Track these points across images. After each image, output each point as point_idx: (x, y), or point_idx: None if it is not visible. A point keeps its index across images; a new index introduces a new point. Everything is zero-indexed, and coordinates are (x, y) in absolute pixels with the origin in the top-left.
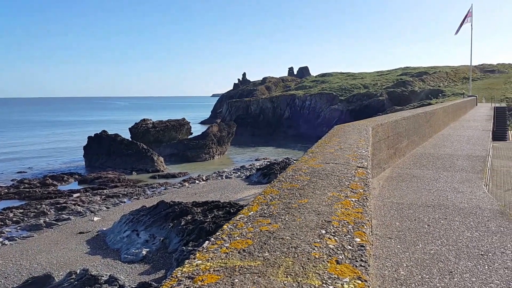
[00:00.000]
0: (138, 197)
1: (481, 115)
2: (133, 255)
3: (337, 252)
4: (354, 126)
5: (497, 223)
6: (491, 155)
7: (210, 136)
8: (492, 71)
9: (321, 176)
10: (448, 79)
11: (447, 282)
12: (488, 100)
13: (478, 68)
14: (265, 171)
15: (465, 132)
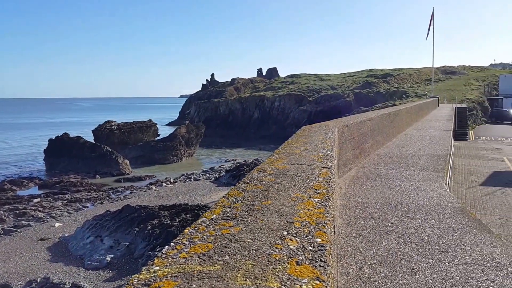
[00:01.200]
0: (102, 201)
1: (442, 116)
2: (97, 261)
3: (298, 253)
4: (321, 127)
5: (457, 220)
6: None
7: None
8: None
9: (286, 177)
10: (411, 81)
11: (409, 279)
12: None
13: (439, 70)
14: (234, 173)
15: (428, 132)
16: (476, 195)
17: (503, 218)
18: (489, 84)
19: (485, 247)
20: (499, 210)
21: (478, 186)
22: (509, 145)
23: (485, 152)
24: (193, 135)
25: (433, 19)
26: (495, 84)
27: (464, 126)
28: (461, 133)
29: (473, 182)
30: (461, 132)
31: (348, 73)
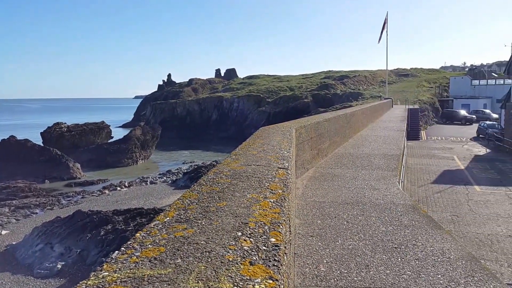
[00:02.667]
0: (52, 207)
1: (396, 116)
2: (47, 269)
3: (251, 254)
4: (278, 127)
5: (409, 217)
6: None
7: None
8: (406, 75)
9: (242, 178)
10: (366, 83)
11: (363, 276)
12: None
13: (393, 72)
14: (192, 175)
15: (382, 132)
16: (428, 192)
17: (454, 214)
18: (440, 86)
19: (435, 242)
20: (450, 207)
21: (430, 184)
22: (459, 145)
23: (436, 152)
24: (148, 137)
25: (386, 22)
26: (445, 86)
27: (417, 126)
28: (414, 133)
29: (425, 180)
30: (414, 132)
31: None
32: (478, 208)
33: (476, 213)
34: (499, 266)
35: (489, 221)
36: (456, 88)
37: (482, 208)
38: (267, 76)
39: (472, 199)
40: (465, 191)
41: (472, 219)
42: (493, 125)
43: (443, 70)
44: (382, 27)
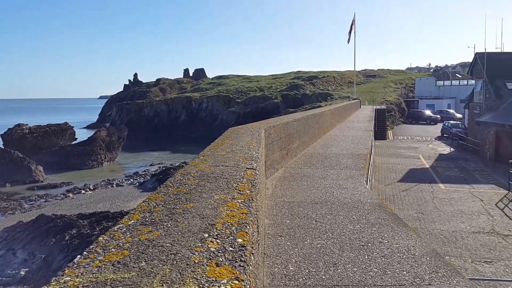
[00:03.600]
0: (14, 211)
1: (364, 117)
2: (9, 276)
3: (218, 255)
4: (247, 128)
5: (376, 215)
6: (373, 153)
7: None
8: (373, 76)
9: (210, 179)
10: (335, 83)
11: (331, 274)
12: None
13: (361, 73)
14: (160, 177)
15: (350, 132)
16: (394, 191)
17: (419, 212)
18: (406, 87)
19: (401, 239)
20: (415, 205)
21: (397, 183)
22: (424, 144)
23: (402, 151)
24: (114, 139)
25: (354, 23)
26: (411, 86)
27: (384, 126)
28: (381, 133)
29: (392, 179)
30: (381, 132)
31: (276, 75)
32: (443, 206)
33: (441, 210)
34: (463, 261)
35: (453, 218)
36: (421, 88)
37: (446, 205)
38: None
39: (437, 197)
40: (430, 189)
41: (437, 216)
42: (456, 124)
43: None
44: (350, 28)
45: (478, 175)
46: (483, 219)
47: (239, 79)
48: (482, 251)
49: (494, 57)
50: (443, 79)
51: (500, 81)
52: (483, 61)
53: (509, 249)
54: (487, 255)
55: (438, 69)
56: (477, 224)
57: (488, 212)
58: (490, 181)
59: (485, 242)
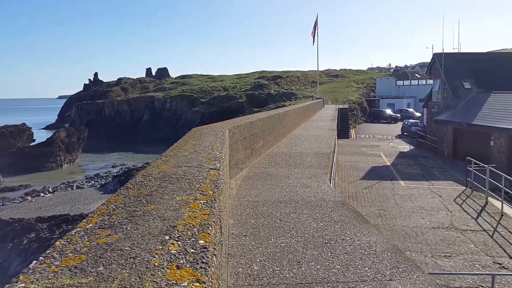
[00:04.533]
0: None
1: (327, 116)
2: None
3: (179, 257)
4: (211, 128)
5: (338, 213)
6: (337, 152)
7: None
8: (336, 76)
9: (172, 180)
10: (299, 83)
11: (295, 272)
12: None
13: (324, 73)
14: (122, 178)
15: (314, 131)
16: (357, 188)
17: (381, 209)
18: (367, 86)
19: (363, 236)
20: (377, 202)
21: (359, 180)
22: (385, 142)
23: (364, 149)
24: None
25: (317, 25)
26: (372, 86)
27: (346, 125)
28: (344, 131)
29: (355, 177)
30: (344, 131)
31: (240, 75)
32: (403, 202)
33: (401, 206)
34: (424, 256)
35: (413, 214)
36: (382, 88)
37: (407, 202)
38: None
39: (397, 193)
40: (391, 186)
41: (398, 213)
42: (416, 123)
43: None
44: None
45: (436, 172)
46: (442, 215)
47: (203, 79)
48: (442, 246)
49: (451, 57)
50: (402, 79)
51: (457, 80)
52: (441, 61)
53: (467, 244)
54: (446, 249)
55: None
56: (437, 220)
57: (447, 208)
58: (448, 177)
59: (445, 237)
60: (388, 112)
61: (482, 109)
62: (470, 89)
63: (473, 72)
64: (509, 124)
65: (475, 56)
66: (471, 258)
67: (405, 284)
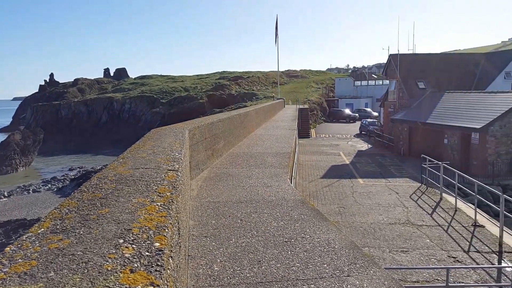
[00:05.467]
0: None
1: (288, 116)
2: None
3: (133, 261)
4: (171, 129)
5: (298, 212)
6: (297, 151)
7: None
8: (296, 76)
9: (129, 182)
10: (260, 83)
11: (256, 271)
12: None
13: (284, 74)
14: (81, 181)
15: (275, 131)
16: (318, 187)
17: (341, 206)
18: (326, 87)
19: (322, 234)
20: (337, 199)
21: (320, 179)
22: (344, 141)
23: (324, 148)
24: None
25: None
26: (331, 86)
27: (307, 125)
28: (304, 131)
29: (315, 176)
30: (304, 130)
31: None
32: (362, 199)
33: (360, 204)
34: (382, 252)
35: (371, 210)
36: (341, 88)
37: (365, 199)
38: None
39: (356, 191)
40: (350, 184)
41: (357, 210)
42: (373, 122)
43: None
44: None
45: (393, 169)
46: (398, 211)
47: (163, 79)
48: (399, 241)
49: (406, 58)
50: (360, 80)
51: (412, 81)
52: (396, 62)
53: (422, 238)
54: (403, 244)
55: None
56: (394, 216)
57: (403, 204)
58: (404, 175)
59: (401, 233)
60: (347, 111)
61: (436, 108)
62: (424, 89)
63: (427, 72)
64: (462, 122)
65: (429, 57)
66: (427, 252)
67: (362, 280)
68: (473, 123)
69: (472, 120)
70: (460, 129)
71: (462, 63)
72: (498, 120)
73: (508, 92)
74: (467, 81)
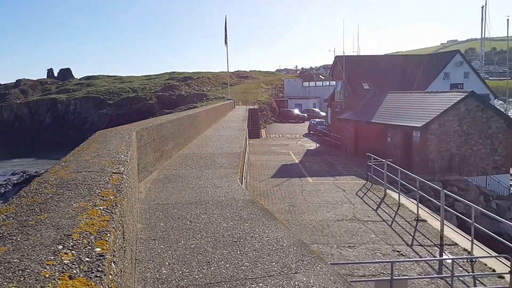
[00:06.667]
0: None
1: (238, 116)
2: None
3: (72, 267)
4: (117, 131)
5: (248, 212)
6: (248, 151)
7: None
8: (246, 77)
9: (70, 186)
10: (210, 84)
11: (205, 273)
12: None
13: (234, 74)
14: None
15: (225, 132)
16: (268, 186)
17: (291, 205)
18: (276, 87)
19: (271, 232)
20: (287, 198)
21: (270, 179)
22: (293, 141)
23: (275, 148)
24: None
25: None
26: (281, 87)
27: (257, 125)
28: (255, 131)
29: (266, 175)
30: (255, 131)
31: (150, 76)
32: (311, 197)
33: (309, 202)
34: (330, 248)
35: (320, 208)
36: (290, 89)
37: (314, 197)
38: (107, 77)
39: (305, 189)
40: (300, 183)
41: (306, 208)
42: (321, 122)
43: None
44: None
45: (340, 167)
46: (345, 208)
47: (110, 80)
48: (346, 237)
49: (351, 59)
50: (308, 80)
51: (357, 81)
52: (342, 63)
53: (368, 234)
54: (350, 240)
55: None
56: (341, 213)
57: (350, 201)
58: (351, 172)
59: (348, 229)
60: (296, 112)
61: (380, 108)
62: (368, 90)
63: (371, 73)
64: (404, 121)
65: (372, 58)
66: (372, 247)
67: (309, 276)
68: (414, 122)
69: (413, 119)
70: (402, 128)
71: (404, 64)
72: (437, 119)
73: (447, 92)
74: (409, 81)
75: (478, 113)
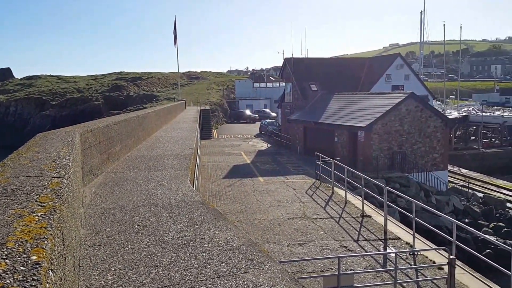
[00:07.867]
0: None
1: (189, 117)
2: None
3: (5, 277)
4: (59, 133)
5: (198, 213)
6: (199, 152)
7: None
8: (197, 78)
9: (6, 192)
10: (160, 85)
11: (152, 277)
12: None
13: (185, 75)
14: None
15: (176, 133)
16: (220, 187)
17: (242, 205)
18: (227, 88)
19: (221, 233)
20: (239, 198)
21: (222, 179)
22: (245, 141)
23: (226, 149)
24: None
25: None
26: (232, 88)
27: (209, 126)
28: (206, 132)
29: (217, 176)
30: (206, 131)
31: (96, 76)
32: (262, 197)
33: (261, 201)
34: (281, 246)
35: (271, 207)
36: (241, 90)
37: (265, 196)
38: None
39: (257, 189)
40: (251, 183)
41: (258, 207)
42: (272, 122)
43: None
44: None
45: (291, 167)
46: (296, 206)
47: (53, 80)
48: (296, 235)
49: (300, 62)
50: (259, 82)
51: (305, 83)
52: (291, 65)
53: (317, 231)
54: (300, 238)
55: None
56: (291, 211)
57: (300, 200)
58: (300, 172)
59: (298, 227)
60: (248, 112)
61: (327, 109)
62: (316, 91)
63: (319, 75)
64: (349, 121)
65: (320, 61)
66: (321, 243)
67: (258, 275)
68: (359, 122)
69: (358, 119)
70: (348, 127)
71: (349, 66)
72: (380, 119)
73: (389, 94)
74: (353, 83)
75: (418, 113)
